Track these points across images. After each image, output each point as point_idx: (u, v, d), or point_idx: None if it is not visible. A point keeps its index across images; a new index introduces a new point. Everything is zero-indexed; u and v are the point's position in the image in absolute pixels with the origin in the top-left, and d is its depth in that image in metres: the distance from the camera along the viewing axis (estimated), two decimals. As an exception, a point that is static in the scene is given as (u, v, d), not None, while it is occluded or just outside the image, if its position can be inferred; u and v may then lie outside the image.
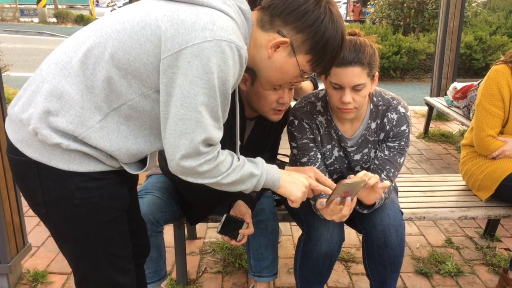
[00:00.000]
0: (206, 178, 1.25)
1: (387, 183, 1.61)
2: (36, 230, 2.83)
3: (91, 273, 1.34)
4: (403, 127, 1.80)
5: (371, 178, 1.58)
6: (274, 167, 1.43)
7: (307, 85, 2.13)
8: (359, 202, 1.76)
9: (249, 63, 1.33)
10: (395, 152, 1.82)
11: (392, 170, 1.81)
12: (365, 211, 1.80)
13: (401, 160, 1.83)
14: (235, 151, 1.55)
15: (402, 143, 1.81)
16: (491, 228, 2.90)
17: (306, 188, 1.49)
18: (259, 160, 1.39)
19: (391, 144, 1.82)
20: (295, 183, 1.46)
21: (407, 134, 1.81)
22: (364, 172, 1.59)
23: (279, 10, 1.24)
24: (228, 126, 1.69)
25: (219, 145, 1.26)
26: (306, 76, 1.36)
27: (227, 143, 1.74)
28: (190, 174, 1.23)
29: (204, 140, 1.18)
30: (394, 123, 1.80)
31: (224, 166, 1.27)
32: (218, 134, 1.22)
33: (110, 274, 1.35)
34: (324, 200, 1.61)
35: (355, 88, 1.63)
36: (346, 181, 1.49)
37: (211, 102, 1.15)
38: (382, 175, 1.80)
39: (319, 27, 1.23)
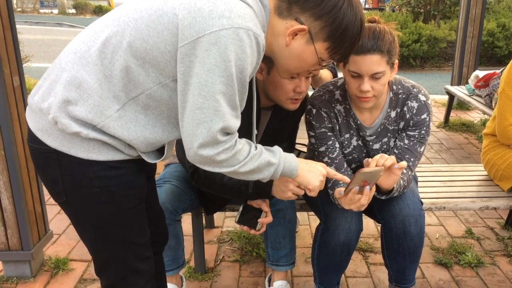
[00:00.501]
0: (224, 167, 1.25)
1: (403, 163, 1.59)
2: (58, 218, 2.88)
3: (110, 260, 1.36)
4: (424, 116, 1.77)
5: (388, 159, 1.57)
6: (291, 156, 1.42)
7: (326, 74, 2.10)
8: (377, 188, 1.74)
9: (267, 51, 1.31)
10: (415, 141, 1.79)
11: (412, 159, 1.79)
12: (383, 197, 1.78)
13: (421, 149, 1.80)
14: (251, 141, 1.54)
15: (423, 131, 1.78)
16: (513, 219, 2.85)
17: (324, 176, 1.48)
18: (277, 148, 1.39)
19: (411, 133, 1.79)
20: (313, 172, 1.45)
21: (428, 123, 1.78)
22: (380, 154, 1.58)
23: None
24: (245, 115, 1.69)
25: (237, 134, 1.25)
26: (324, 64, 1.34)
27: (243, 131, 1.74)
28: (208, 163, 1.23)
29: (222, 129, 1.18)
30: (414, 111, 1.77)
31: (242, 155, 1.26)
32: (235, 123, 1.21)
33: (130, 262, 1.36)
34: (343, 189, 1.60)
35: (374, 76, 1.61)
36: (365, 169, 1.48)
37: (228, 90, 1.14)
38: None
39: (338, 14, 1.21)
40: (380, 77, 1.61)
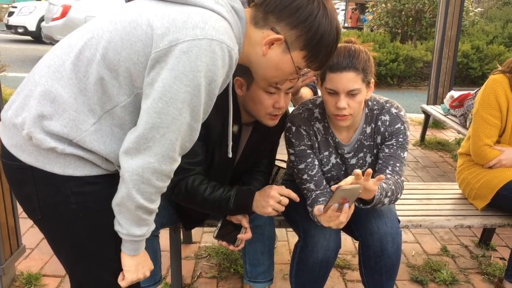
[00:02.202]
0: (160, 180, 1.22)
1: (381, 176, 1.55)
2: (31, 232, 2.81)
3: (88, 277, 1.33)
4: (398, 125, 1.81)
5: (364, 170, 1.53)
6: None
7: (306, 92, 2.12)
8: (358, 199, 1.72)
9: (244, 61, 1.32)
10: (395, 147, 1.81)
11: (398, 164, 1.81)
12: (368, 206, 1.72)
13: (404, 155, 1.83)
14: (227, 152, 1.54)
15: (400, 139, 1.81)
16: (486, 237, 2.90)
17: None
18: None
19: (389, 143, 1.82)
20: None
21: (404, 131, 1.81)
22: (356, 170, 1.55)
23: (272, 7, 1.24)
24: (222, 128, 1.70)
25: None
26: (302, 73, 1.35)
27: (221, 144, 1.74)
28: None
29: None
30: (387, 123, 1.81)
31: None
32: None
33: (107, 279, 1.33)
34: (322, 206, 1.61)
35: (350, 93, 1.64)
36: (343, 186, 1.49)
37: (193, 101, 1.13)
38: (387, 171, 1.79)
39: (313, 23, 1.22)
40: (356, 94, 1.65)
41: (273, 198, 1.65)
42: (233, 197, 1.73)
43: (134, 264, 1.30)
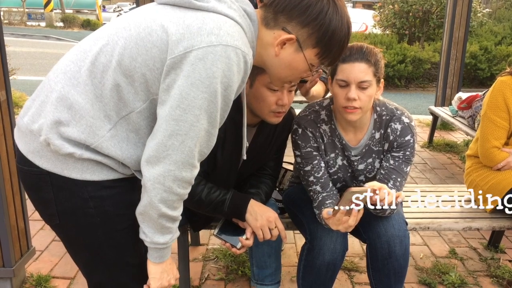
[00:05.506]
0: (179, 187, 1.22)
1: (402, 196, 1.63)
2: (40, 234, 2.84)
3: (105, 281, 1.34)
4: (408, 137, 1.80)
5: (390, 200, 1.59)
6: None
7: (318, 89, 2.11)
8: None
9: (258, 62, 1.32)
10: (400, 161, 1.82)
11: (399, 179, 1.81)
12: (372, 208, 1.79)
13: (407, 169, 1.83)
14: (241, 153, 1.54)
15: (407, 153, 1.81)
16: (495, 239, 2.88)
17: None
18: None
19: (396, 154, 1.82)
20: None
21: (412, 144, 1.81)
22: (386, 191, 1.59)
23: (282, 6, 1.23)
24: (234, 129, 1.70)
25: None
26: (315, 70, 1.36)
27: (233, 144, 1.75)
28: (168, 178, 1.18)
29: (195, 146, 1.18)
30: (398, 133, 1.81)
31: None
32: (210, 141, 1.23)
33: (125, 283, 1.35)
34: (331, 209, 1.61)
35: (361, 86, 1.65)
36: (353, 189, 1.49)
37: (210, 107, 1.14)
38: (389, 185, 1.80)
39: (324, 20, 1.22)
40: (367, 87, 1.65)
41: (269, 222, 1.73)
42: (228, 200, 1.75)
43: (159, 272, 1.31)
